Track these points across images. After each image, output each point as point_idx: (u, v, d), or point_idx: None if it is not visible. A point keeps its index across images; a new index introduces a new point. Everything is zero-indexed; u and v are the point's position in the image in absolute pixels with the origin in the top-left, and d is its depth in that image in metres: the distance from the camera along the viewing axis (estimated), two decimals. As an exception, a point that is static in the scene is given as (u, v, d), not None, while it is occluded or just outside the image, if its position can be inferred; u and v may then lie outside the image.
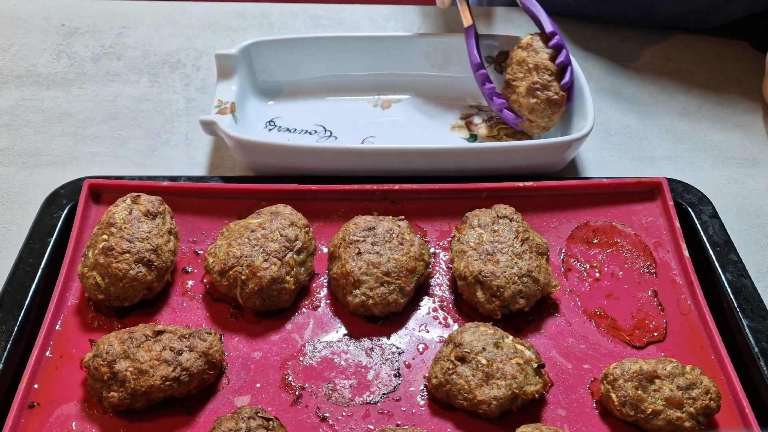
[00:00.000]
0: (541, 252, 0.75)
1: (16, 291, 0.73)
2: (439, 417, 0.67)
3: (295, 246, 0.74)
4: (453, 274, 0.76)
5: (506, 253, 0.73)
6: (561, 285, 0.76)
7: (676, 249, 0.80)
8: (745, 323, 0.73)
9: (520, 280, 0.71)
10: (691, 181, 0.88)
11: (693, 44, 1.14)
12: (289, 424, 0.65)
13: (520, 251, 0.73)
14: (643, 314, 0.75)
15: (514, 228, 0.75)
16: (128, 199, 0.75)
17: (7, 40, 1.10)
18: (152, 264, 0.71)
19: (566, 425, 0.67)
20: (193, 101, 1.02)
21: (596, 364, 0.71)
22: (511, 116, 0.90)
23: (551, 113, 0.88)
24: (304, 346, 0.72)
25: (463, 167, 0.85)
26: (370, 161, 0.84)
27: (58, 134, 0.95)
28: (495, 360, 0.66)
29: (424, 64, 1.00)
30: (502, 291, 0.71)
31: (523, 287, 0.71)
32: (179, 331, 0.67)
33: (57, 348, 0.69)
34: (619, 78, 1.08)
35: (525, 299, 0.72)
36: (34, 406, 0.65)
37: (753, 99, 1.05)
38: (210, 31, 1.15)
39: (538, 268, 0.73)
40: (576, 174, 0.92)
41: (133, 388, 0.63)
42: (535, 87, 0.87)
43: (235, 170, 0.91)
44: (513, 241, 0.74)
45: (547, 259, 0.76)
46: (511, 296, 0.71)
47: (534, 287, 0.72)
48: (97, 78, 1.05)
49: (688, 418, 0.64)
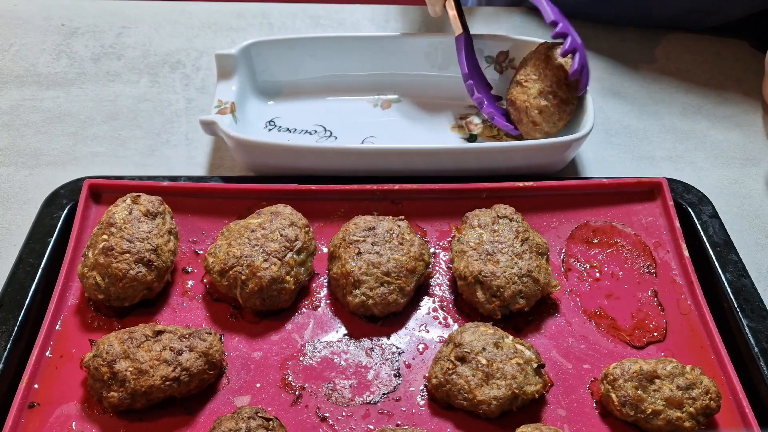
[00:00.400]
0: (541, 252, 0.75)
1: (16, 291, 0.73)
2: (439, 417, 0.67)
3: (295, 246, 0.74)
4: (453, 274, 0.76)
5: (506, 253, 0.73)
6: (561, 285, 0.76)
7: (676, 249, 0.80)
8: (745, 323, 0.73)
9: (520, 280, 0.71)
10: (691, 181, 0.88)
11: (693, 44, 1.14)
12: (289, 424, 0.65)
13: (520, 251, 0.73)
14: (643, 314, 0.75)
15: (514, 228, 0.75)
16: (128, 199, 0.75)
17: (7, 40, 1.10)
18: (152, 264, 0.71)
19: (566, 425, 0.67)
20: (193, 101, 1.02)
21: (596, 364, 0.71)
22: (503, 122, 0.91)
23: (557, 119, 0.88)
24: (304, 346, 0.72)
25: (463, 167, 0.85)
26: (370, 161, 0.84)
27: (58, 134, 0.95)
28: (495, 360, 0.66)
29: (424, 64, 1.00)
30: (502, 291, 0.71)
31: (523, 287, 0.71)
32: (179, 331, 0.67)
33: (57, 348, 0.69)
34: (619, 78, 1.08)
35: (525, 299, 0.72)
36: (34, 406, 0.65)
37: (753, 99, 1.05)
38: (210, 31, 1.15)
39: (538, 268, 0.73)
40: (576, 174, 0.92)
41: (133, 388, 0.63)
42: (547, 91, 0.87)
43: (235, 170, 0.91)
44: (513, 241, 0.74)
45: (547, 259, 0.76)
46: (511, 296, 0.71)
47: (534, 287, 0.72)
48: (97, 78, 1.05)
49: (688, 418, 0.64)
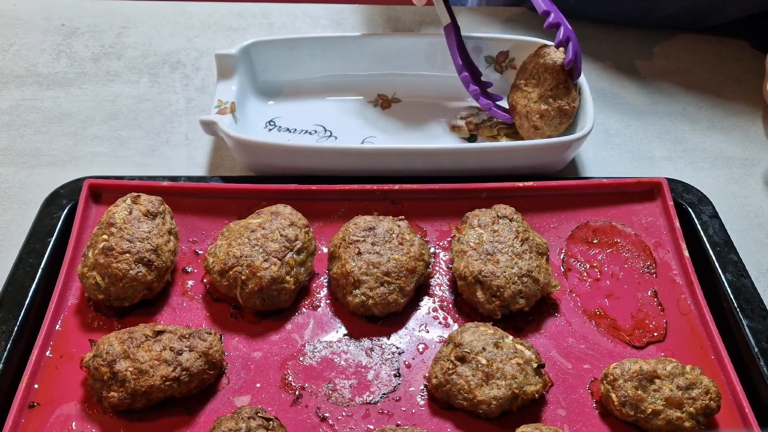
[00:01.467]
0: (541, 252, 0.75)
1: (16, 291, 0.73)
2: (439, 417, 0.67)
3: (295, 246, 0.74)
4: (453, 274, 0.76)
5: (506, 253, 0.73)
6: (561, 285, 0.76)
7: (676, 249, 0.80)
8: (745, 323, 0.73)
9: (520, 280, 0.71)
10: (691, 181, 0.88)
11: (693, 44, 1.14)
12: (289, 424, 0.65)
13: (520, 251, 0.73)
14: (643, 314, 0.75)
15: (514, 228, 0.75)
16: (128, 199, 0.75)
17: (7, 40, 1.10)
18: (152, 264, 0.71)
19: (566, 425, 0.67)
20: (193, 101, 1.02)
21: (596, 364, 0.71)
22: (500, 113, 0.92)
23: (559, 123, 0.88)
24: (304, 346, 0.72)
25: (463, 167, 0.85)
26: (370, 161, 0.84)
27: (58, 134, 0.95)
28: (495, 360, 0.66)
29: (424, 64, 1.00)
30: (502, 291, 0.71)
31: (523, 287, 0.71)
32: (179, 331, 0.67)
33: (57, 348, 0.69)
34: (619, 78, 1.08)
35: (525, 299, 0.72)
36: (34, 406, 0.65)
37: (753, 99, 1.05)
38: (210, 31, 1.15)
39: (538, 268, 0.73)
40: (576, 174, 0.92)
41: (133, 388, 0.63)
42: (547, 94, 0.87)
43: (235, 170, 0.91)
44: (513, 241, 0.74)
45: (547, 259, 0.76)
46: (511, 296, 0.71)
47: (534, 287, 0.72)
48: (97, 78, 1.05)
49: (688, 418, 0.64)
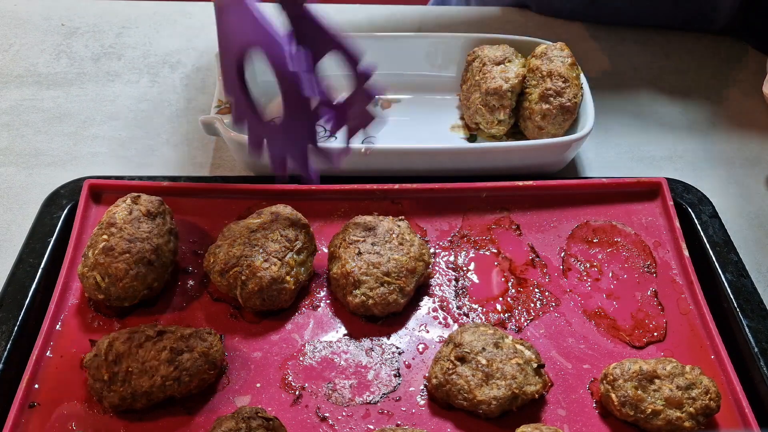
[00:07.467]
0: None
1: (16, 291, 0.73)
2: (439, 417, 0.67)
3: (295, 246, 0.74)
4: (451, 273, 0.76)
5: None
6: (560, 285, 0.76)
7: (676, 249, 0.80)
8: (745, 323, 0.73)
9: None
10: (691, 181, 0.88)
11: (693, 44, 1.14)
12: (289, 424, 0.65)
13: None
14: (643, 314, 0.75)
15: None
16: (128, 199, 0.75)
17: (7, 40, 1.10)
18: (152, 264, 0.71)
19: (566, 425, 0.67)
20: (193, 101, 1.02)
21: (596, 364, 0.71)
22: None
23: (562, 120, 0.88)
24: (304, 346, 0.72)
25: (463, 167, 0.85)
26: (370, 161, 0.84)
27: (58, 134, 0.95)
28: (495, 360, 0.66)
29: (424, 64, 1.00)
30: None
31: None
32: (179, 331, 0.67)
33: (57, 348, 0.69)
34: (619, 78, 1.08)
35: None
36: (34, 406, 0.65)
37: (753, 99, 1.05)
38: (210, 31, 1.14)
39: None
40: (576, 174, 0.92)
41: (133, 388, 0.63)
42: (548, 93, 0.87)
43: (235, 170, 0.91)
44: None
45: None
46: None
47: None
48: (97, 78, 1.05)
49: (687, 418, 0.64)
